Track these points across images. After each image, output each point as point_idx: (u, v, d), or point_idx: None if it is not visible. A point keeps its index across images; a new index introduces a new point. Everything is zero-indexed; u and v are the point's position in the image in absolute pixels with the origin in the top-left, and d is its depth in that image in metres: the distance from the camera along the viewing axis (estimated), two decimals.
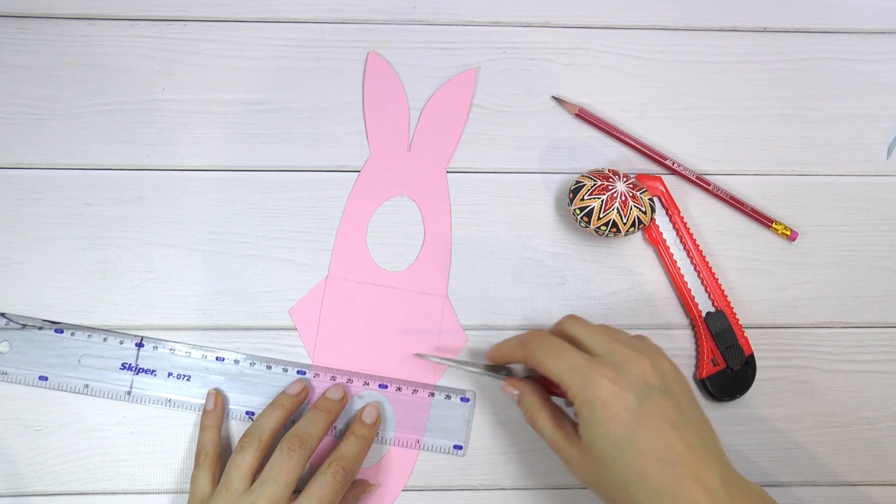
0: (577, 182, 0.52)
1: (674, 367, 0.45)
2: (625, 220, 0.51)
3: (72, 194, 0.54)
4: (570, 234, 0.55)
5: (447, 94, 0.56)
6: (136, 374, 0.52)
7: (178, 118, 0.55)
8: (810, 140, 0.57)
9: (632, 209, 0.51)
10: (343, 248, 0.54)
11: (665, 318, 0.55)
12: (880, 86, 0.58)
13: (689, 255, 0.55)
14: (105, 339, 0.52)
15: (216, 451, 0.50)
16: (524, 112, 0.56)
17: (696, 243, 0.55)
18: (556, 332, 0.47)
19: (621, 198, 0.51)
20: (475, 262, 0.55)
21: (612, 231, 0.51)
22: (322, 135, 0.55)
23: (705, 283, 0.54)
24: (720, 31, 0.58)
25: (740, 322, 0.54)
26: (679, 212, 0.55)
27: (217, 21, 0.56)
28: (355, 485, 0.51)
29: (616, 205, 0.51)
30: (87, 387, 0.52)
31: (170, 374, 0.52)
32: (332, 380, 0.53)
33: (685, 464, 0.41)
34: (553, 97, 0.56)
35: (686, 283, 0.54)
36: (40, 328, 0.52)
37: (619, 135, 0.56)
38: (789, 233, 0.55)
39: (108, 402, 0.52)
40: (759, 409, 0.54)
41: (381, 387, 0.53)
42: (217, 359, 0.53)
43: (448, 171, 0.55)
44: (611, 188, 0.51)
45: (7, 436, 0.52)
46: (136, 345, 0.52)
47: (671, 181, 0.56)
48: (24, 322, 0.52)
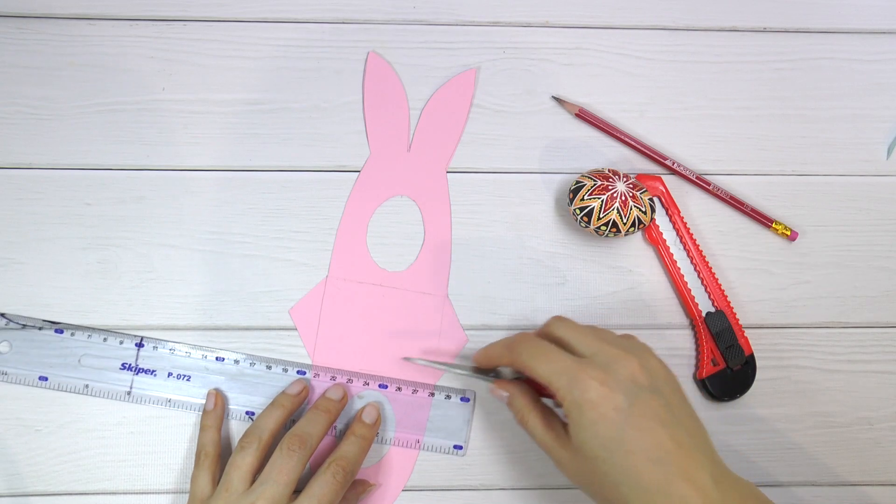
0: (577, 182, 0.52)
1: (662, 365, 0.45)
2: (625, 220, 0.51)
3: (72, 194, 0.54)
4: (570, 234, 0.55)
5: (447, 94, 0.56)
6: (136, 374, 0.52)
7: (178, 118, 0.55)
8: (810, 140, 0.57)
9: (632, 209, 0.51)
10: (343, 248, 0.54)
11: (665, 318, 0.55)
12: (880, 86, 0.58)
13: (689, 255, 0.55)
14: (105, 340, 0.52)
15: (216, 451, 0.50)
16: (524, 112, 0.56)
17: (696, 243, 0.55)
18: (543, 335, 0.47)
19: (621, 198, 0.51)
20: (475, 262, 0.55)
21: (612, 231, 0.51)
22: (322, 135, 0.55)
23: (705, 283, 0.54)
24: (720, 31, 0.58)
25: (740, 322, 0.54)
26: (679, 212, 0.55)
27: (217, 21, 0.56)
28: (355, 485, 0.51)
29: (616, 205, 0.51)
30: (87, 387, 0.52)
31: (170, 374, 0.52)
32: (332, 380, 0.53)
33: (676, 462, 0.41)
34: (553, 97, 0.56)
35: (686, 283, 0.54)
36: (40, 328, 0.52)
37: (619, 135, 0.56)
38: (789, 233, 0.55)
39: (108, 402, 0.52)
40: (759, 409, 0.54)
41: (381, 387, 0.53)
42: (217, 359, 0.53)
43: (448, 171, 0.55)
44: (611, 188, 0.51)
45: (7, 436, 0.52)
46: (136, 345, 0.52)
47: (671, 181, 0.56)
48: (24, 322, 0.52)
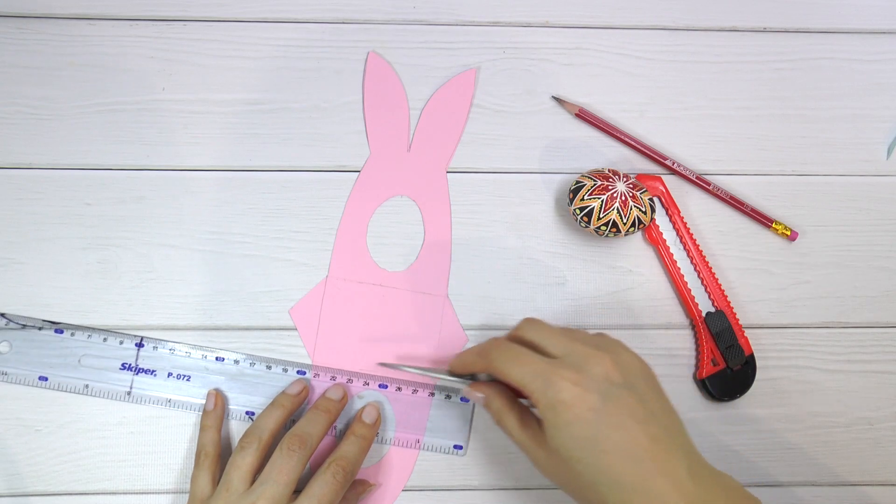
0: (577, 182, 0.52)
1: (636, 359, 0.45)
2: (625, 220, 0.51)
3: (72, 194, 0.54)
4: (570, 234, 0.55)
5: (447, 94, 0.56)
6: (136, 374, 0.52)
7: (178, 118, 0.55)
8: (810, 140, 0.57)
9: (632, 209, 0.51)
10: (343, 248, 0.54)
11: (665, 318, 0.55)
12: (880, 86, 0.58)
13: (689, 255, 0.55)
14: (105, 340, 0.52)
15: (216, 452, 0.50)
16: (524, 112, 0.56)
17: (696, 243, 0.55)
18: (514, 338, 0.47)
19: (621, 198, 0.51)
20: (475, 262, 0.55)
21: (612, 231, 0.51)
22: (322, 135, 0.55)
23: (705, 283, 0.54)
24: (720, 31, 0.58)
25: (740, 322, 0.54)
26: (679, 212, 0.55)
27: (217, 21, 0.56)
28: (355, 485, 0.51)
29: (616, 205, 0.51)
30: (87, 387, 0.52)
31: (170, 375, 0.52)
32: (332, 380, 0.53)
33: (652, 458, 0.41)
34: (553, 97, 0.56)
35: (686, 283, 0.54)
36: (40, 328, 0.52)
37: (619, 135, 0.56)
38: (789, 233, 0.55)
39: (108, 402, 0.52)
40: (759, 409, 0.54)
41: (381, 387, 0.53)
42: (217, 359, 0.53)
43: (448, 171, 0.55)
44: (611, 188, 0.51)
45: (7, 436, 0.52)
46: (136, 345, 0.52)
47: (671, 181, 0.56)
48: (24, 322, 0.52)
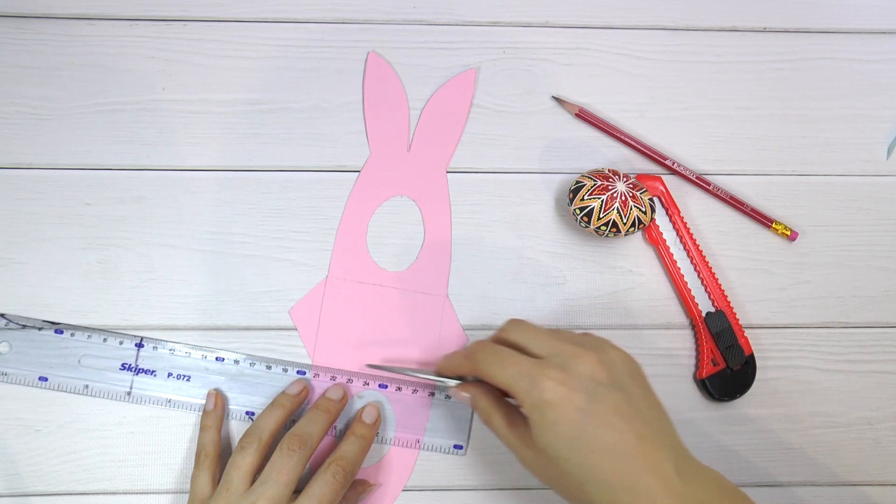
0: (577, 182, 0.52)
1: (622, 355, 0.45)
2: (625, 220, 0.51)
3: (72, 194, 0.54)
4: (570, 234, 0.55)
5: (447, 94, 0.56)
6: (136, 374, 0.52)
7: (178, 118, 0.55)
8: (810, 140, 0.57)
9: (632, 209, 0.51)
10: (343, 248, 0.54)
11: (665, 318, 0.55)
12: (880, 86, 0.58)
13: (689, 255, 0.55)
14: (105, 340, 0.52)
15: (216, 452, 0.50)
16: (524, 112, 0.56)
17: (696, 243, 0.55)
18: (499, 340, 0.47)
19: (621, 198, 0.51)
20: (475, 262, 0.55)
21: (612, 231, 0.51)
22: (322, 135, 0.55)
23: (705, 283, 0.54)
24: (720, 31, 0.58)
25: (740, 322, 0.54)
26: (679, 212, 0.55)
27: (217, 21, 0.56)
28: (355, 485, 0.51)
29: (616, 205, 0.51)
30: (87, 387, 0.52)
31: (170, 375, 0.52)
32: (332, 380, 0.53)
33: (638, 456, 0.41)
34: (553, 97, 0.56)
35: (686, 283, 0.54)
36: (40, 329, 0.52)
37: (619, 135, 0.56)
38: (789, 233, 0.55)
39: (108, 402, 0.52)
40: (759, 409, 0.54)
41: (381, 387, 0.53)
42: (217, 359, 0.53)
43: (448, 171, 0.55)
44: (611, 188, 0.51)
45: (7, 436, 0.52)
46: (136, 345, 0.52)
47: (671, 181, 0.56)
48: (23, 322, 0.52)
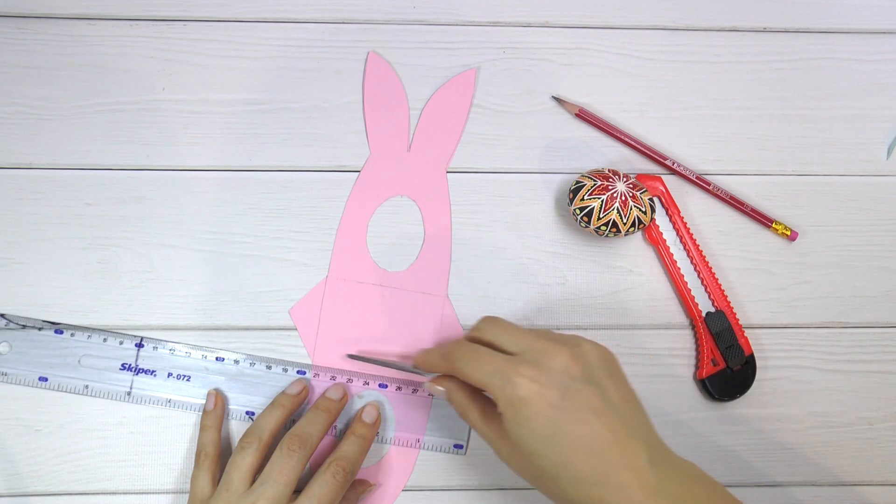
0: (577, 182, 0.52)
1: (596, 349, 0.45)
2: (625, 220, 0.51)
3: (72, 194, 0.54)
4: (570, 234, 0.55)
5: (447, 94, 0.56)
6: (136, 374, 0.52)
7: (178, 118, 0.55)
8: (810, 140, 0.57)
9: (632, 209, 0.51)
10: (343, 248, 0.54)
11: (665, 318, 0.55)
12: (880, 86, 0.58)
13: (689, 255, 0.55)
14: (105, 340, 0.52)
15: (216, 452, 0.50)
16: (524, 112, 0.56)
17: (696, 243, 0.55)
18: (474, 338, 0.47)
19: (621, 198, 0.51)
20: (475, 262, 0.55)
21: (612, 231, 0.51)
22: (322, 135, 0.55)
23: (705, 283, 0.54)
24: (720, 31, 0.58)
25: (740, 322, 0.54)
26: (679, 212, 0.55)
27: (217, 21, 0.56)
28: (355, 485, 0.51)
29: (616, 205, 0.51)
30: (87, 387, 0.52)
31: (170, 375, 0.52)
32: (332, 379, 0.53)
33: (611, 451, 0.41)
34: (553, 97, 0.56)
35: (686, 283, 0.54)
36: (40, 329, 0.52)
37: (619, 135, 0.56)
38: (789, 233, 0.55)
39: (108, 403, 0.52)
40: (759, 409, 0.54)
41: (380, 386, 0.53)
42: (217, 359, 0.53)
43: (448, 171, 0.55)
44: (611, 188, 0.51)
45: (7, 436, 0.52)
46: (136, 345, 0.52)
47: (671, 181, 0.56)
48: (23, 323, 0.52)
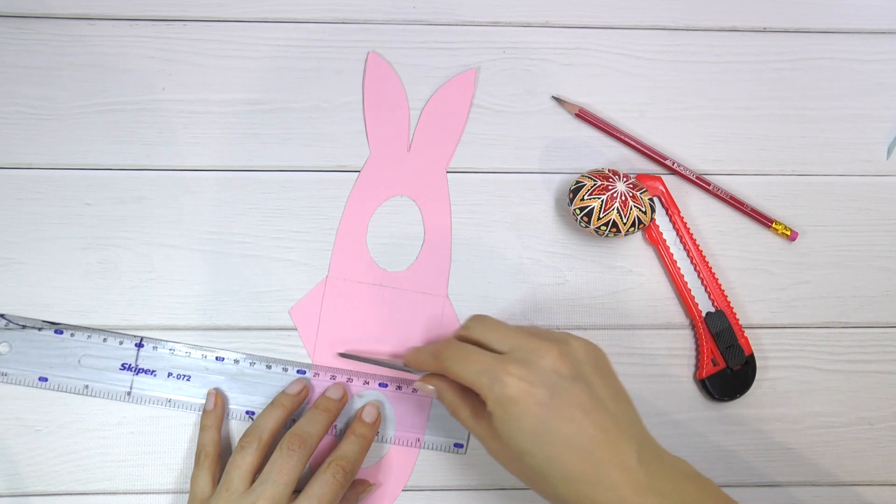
0: (577, 182, 0.52)
1: (585, 347, 0.45)
2: (625, 220, 0.51)
3: (72, 194, 0.54)
4: (570, 234, 0.55)
5: (447, 94, 0.56)
6: (136, 374, 0.52)
7: (178, 118, 0.55)
8: (810, 140, 0.57)
9: (632, 209, 0.51)
10: (343, 248, 0.54)
11: (665, 318, 0.55)
12: (880, 86, 0.58)
13: (689, 255, 0.55)
14: (105, 340, 0.52)
15: (216, 451, 0.50)
16: (524, 112, 0.56)
17: (696, 243, 0.55)
18: (462, 337, 0.47)
19: (621, 198, 0.51)
20: (475, 262, 0.55)
21: (612, 231, 0.51)
22: (322, 135, 0.55)
23: (705, 283, 0.54)
24: (720, 31, 0.58)
25: (740, 322, 0.54)
26: (679, 212, 0.55)
27: (217, 21, 0.56)
28: (355, 484, 0.51)
29: (616, 205, 0.51)
30: (87, 387, 0.52)
31: (170, 375, 0.52)
32: (332, 379, 0.53)
33: (601, 449, 0.41)
34: (553, 97, 0.56)
35: (686, 283, 0.54)
36: (40, 329, 0.52)
37: (619, 135, 0.56)
38: (789, 233, 0.55)
39: (108, 403, 0.52)
40: (759, 409, 0.54)
41: (381, 386, 0.53)
42: (217, 359, 0.53)
43: (448, 171, 0.55)
44: (611, 188, 0.51)
45: (7, 436, 0.52)
46: (136, 345, 0.52)
47: (671, 181, 0.56)
48: (23, 323, 0.52)
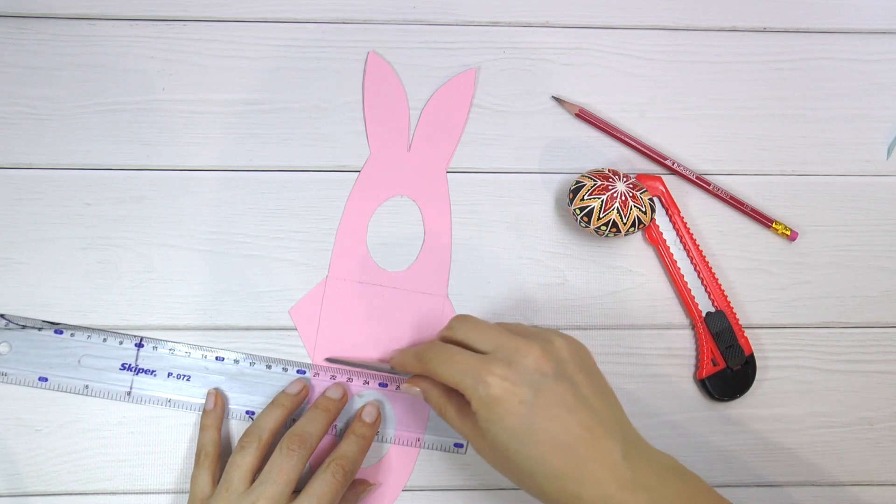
0: (577, 182, 0.52)
1: (568, 344, 0.45)
2: (625, 220, 0.51)
3: (72, 194, 0.54)
4: (570, 234, 0.55)
5: (447, 94, 0.56)
6: (136, 374, 0.52)
7: (178, 118, 0.55)
8: (810, 140, 0.57)
9: (632, 209, 0.51)
10: (343, 248, 0.54)
11: (665, 318, 0.55)
12: (880, 86, 0.58)
13: (689, 255, 0.55)
14: (105, 340, 0.52)
15: (216, 451, 0.50)
16: (524, 112, 0.56)
17: (696, 243, 0.55)
18: (446, 338, 0.47)
19: (621, 198, 0.51)
20: (475, 262, 0.55)
21: (612, 231, 0.51)
22: (322, 135, 0.55)
23: (705, 283, 0.54)
24: (720, 31, 0.58)
25: (740, 322, 0.54)
26: (679, 212, 0.55)
27: (217, 21, 0.56)
28: (355, 484, 0.51)
29: (616, 205, 0.51)
30: (87, 387, 0.52)
31: (170, 374, 0.52)
32: (332, 379, 0.53)
33: (585, 446, 0.41)
34: (553, 97, 0.56)
35: (686, 283, 0.54)
36: (40, 329, 0.52)
37: (619, 135, 0.56)
38: (789, 233, 0.55)
39: (108, 403, 0.52)
40: (759, 409, 0.54)
41: (381, 385, 0.53)
42: (217, 358, 0.53)
43: (448, 171, 0.55)
44: (611, 188, 0.51)
45: (7, 436, 0.52)
46: (136, 345, 0.52)
47: (671, 181, 0.56)
48: (23, 323, 0.52)
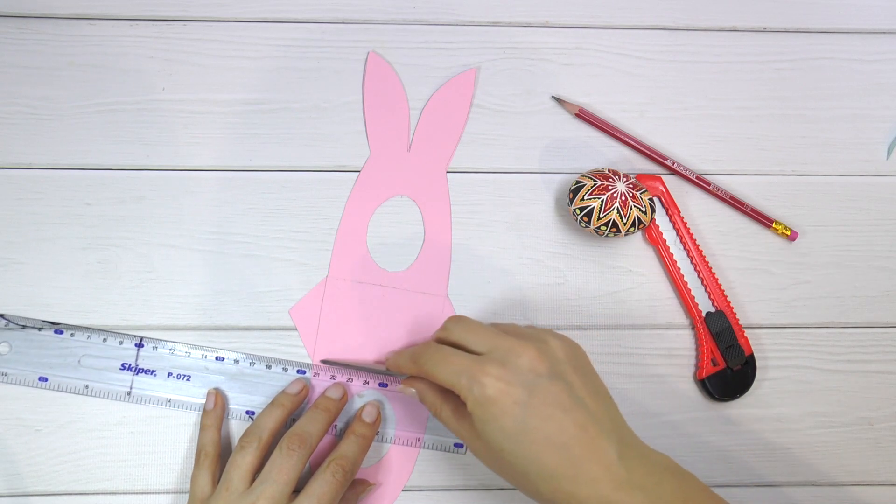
0: (577, 182, 0.52)
1: (563, 344, 0.45)
2: (625, 220, 0.51)
3: (72, 194, 0.54)
4: (570, 234, 0.55)
5: (447, 94, 0.56)
6: (136, 374, 0.52)
7: (178, 118, 0.55)
8: (810, 140, 0.57)
9: (632, 209, 0.51)
10: (343, 248, 0.54)
11: (665, 318, 0.55)
12: (880, 86, 0.58)
13: (689, 255, 0.55)
14: (105, 340, 0.52)
15: (216, 451, 0.50)
16: (524, 112, 0.56)
17: (696, 243, 0.55)
18: (441, 339, 0.47)
19: (621, 198, 0.51)
20: (475, 262, 0.55)
21: (612, 231, 0.51)
22: (322, 135, 0.55)
23: (705, 283, 0.54)
24: (720, 31, 0.58)
25: (740, 322, 0.54)
26: (679, 212, 0.55)
27: (217, 21, 0.56)
28: (355, 484, 0.51)
29: (616, 205, 0.51)
30: (87, 387, 0.52)
31: (170, 374, 0.52)
32: (332, 379, 0.53)
33: (580, 446, 0.41)
34: (553, 97, 0.56)
35: (686, 283, 0.54)
36: (40, 329, 0.52)
37: (619, 135, 0.56)
38: (789, 233, 0.55)
39: (108, 403, 0.52)
40: (759, 409, 0.54)
41: (381, 385, 0.53)
42: (217, 358, 0.53)
43: (448, 171, 0.55)
44: (611, 188, 0.51)
45: (7, 436, 0.52)
46: (136, 345, 0.52)
47: (671, 181, 0.56)
48: (23, 322, 0.52)
